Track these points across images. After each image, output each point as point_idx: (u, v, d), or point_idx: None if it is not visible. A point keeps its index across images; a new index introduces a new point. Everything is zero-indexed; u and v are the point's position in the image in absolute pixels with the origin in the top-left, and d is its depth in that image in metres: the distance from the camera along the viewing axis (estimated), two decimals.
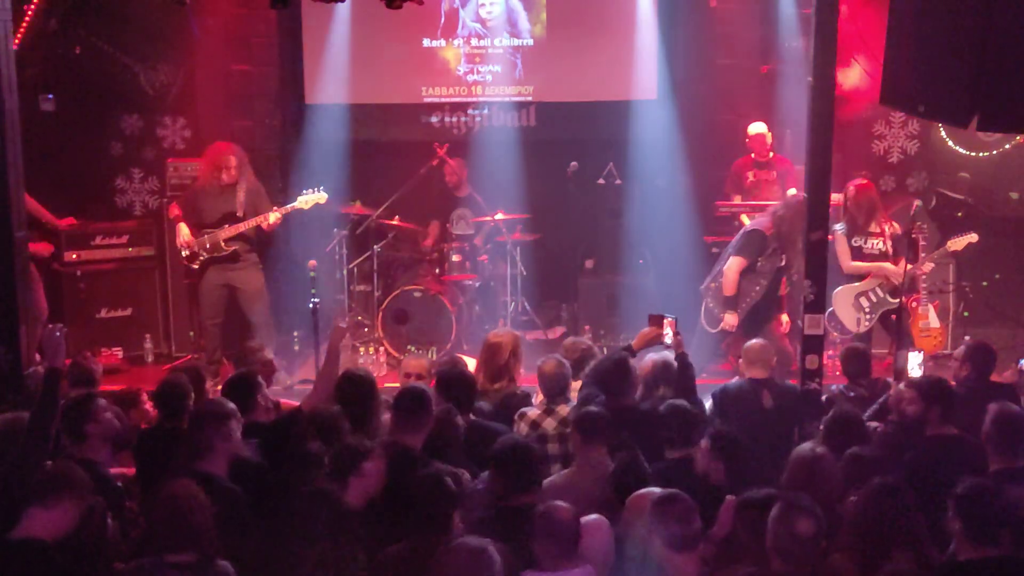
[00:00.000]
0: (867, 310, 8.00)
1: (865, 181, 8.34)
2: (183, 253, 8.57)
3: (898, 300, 7.84)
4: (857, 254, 8.01)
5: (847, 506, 4.49)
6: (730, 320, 7.71)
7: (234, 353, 6.86)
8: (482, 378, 6.40)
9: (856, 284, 8.09)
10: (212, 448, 4.73)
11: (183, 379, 5.75)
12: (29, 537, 4.02)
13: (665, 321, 6.27)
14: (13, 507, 4.15)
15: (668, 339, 6.26)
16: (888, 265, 7.92)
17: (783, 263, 7.82)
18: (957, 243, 8.04)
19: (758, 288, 7.74)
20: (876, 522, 4.16)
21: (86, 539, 4.20)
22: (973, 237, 8.08)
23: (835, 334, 8.25)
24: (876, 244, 7.99)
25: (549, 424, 5.77)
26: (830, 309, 8.18)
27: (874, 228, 8.05)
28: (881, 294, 7.95)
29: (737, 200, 9.23)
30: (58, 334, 4.98)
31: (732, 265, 7.71)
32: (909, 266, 7.68)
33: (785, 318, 8.19)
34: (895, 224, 8.16)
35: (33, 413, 4.78)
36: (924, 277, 7.98)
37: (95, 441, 4.97)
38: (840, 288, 8.10)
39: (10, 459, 4.64)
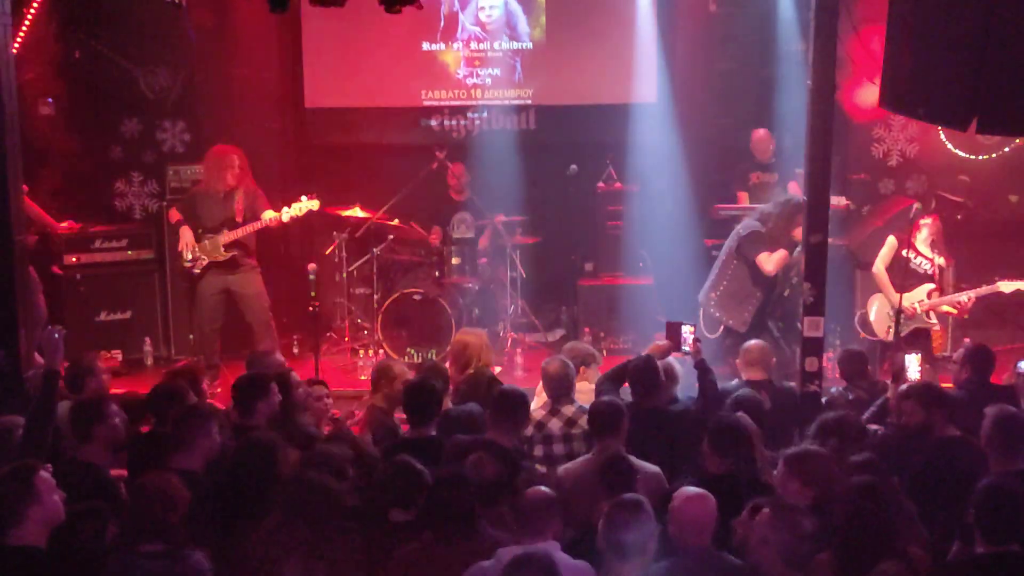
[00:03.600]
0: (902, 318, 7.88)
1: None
2: (186, 256, 8.56)
3: (934, 321, 7.96)
4: (905, 265, 7.93)
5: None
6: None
7: (246, 359, 6.85)
8: (453, 371, 6.53)
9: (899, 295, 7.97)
10: (193, 444, 4.79)
11: (178, 384, 5.74)
12: (25, 545, 4.02)
13: (684, 329, 6.27)
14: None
15: (686, 347, 6.26)
16: (894, 296, 7.77)
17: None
18: (1008, 286, 7.92)
19: (762, 289, 7.78)
20: (856, 521, 4.15)
21: (83, 543, 4.20)
22: None
23: (862, 333, 8.19)
24: (923, 264, 7.92)
25: (555, 425, 5.78)
26: (862, 311, 8.16)
27: (926, 251, 7.97)
28: (919, 310, 7.88)
29: (743, 200, 9.26)
30: (56, 336, 4.98)
31: (765, 260, 7.65)
32: (900, 295, 7.66)
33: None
34: (943, 259, 8.06)
35: (30, 414, 4.78)
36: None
37: (99, 444, 4.98)
38: (881, 294, 8.06)
39: (5, 461, 4.64)
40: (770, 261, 7.63)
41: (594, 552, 4.13)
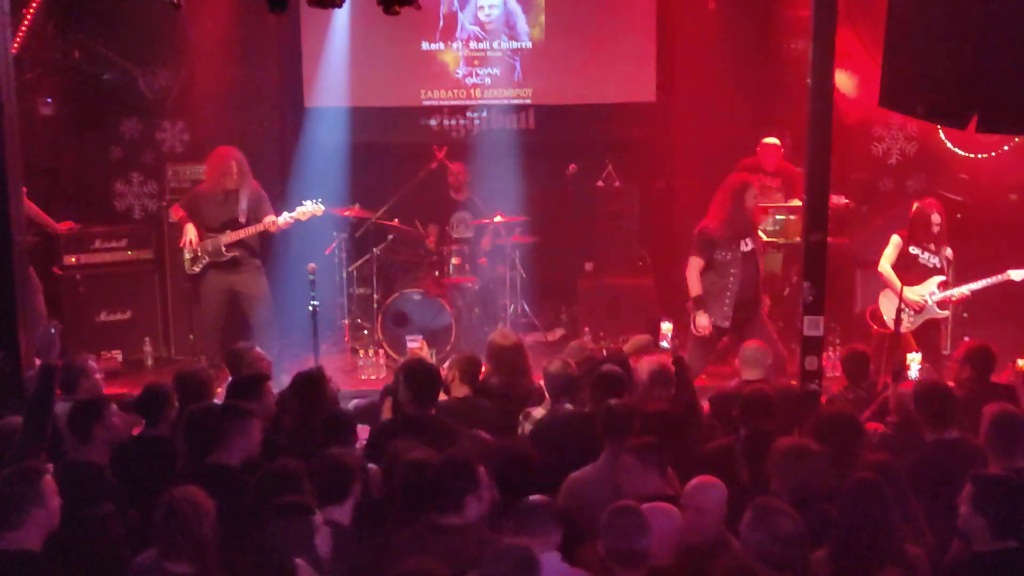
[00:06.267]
0: (911, 313, 7.87)
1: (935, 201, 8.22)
2: (186, 255, 8.54)
3: (946, 312, 7.92)
4: (913, 261, 7.92)
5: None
6: (701, 321, 7.64)
7: (227, 358, 6.86)
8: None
9: (912, 286, 7.95)
10: (229, 441, 4.80)
11: (165, 386, 5.70)
12: (21, 549, 4.00)
13: (663, 325, 6.29)
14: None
15: (666, 343, 6.26)
16: (900, 288, 7.64)
17: (750, 247, 7.77)
18: (1018, 274, 7.88)
19: (731, 279, 7.67)
20: (854, 518, 4.14)
21: (97, 547, 4.18)
22: None
23: (875, 327, 8.17)
24: (931, 258, 7.92)
25: None
26: (873, 306, 8.14)
27: (930, 245, 7.96)
28: (930, 302, 7.87)
29: None
30: (52, 331, 4.97)
31: (691, 265, 7.70)
32: (900, 295, 7.64)
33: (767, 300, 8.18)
34: (949, 250, 8.04)
35: (28, 409, 4.76)
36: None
37: (100, 444, 4.98)
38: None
39: (5, 459, 4.64)
40: (689, 269, 7.69)
41: None
